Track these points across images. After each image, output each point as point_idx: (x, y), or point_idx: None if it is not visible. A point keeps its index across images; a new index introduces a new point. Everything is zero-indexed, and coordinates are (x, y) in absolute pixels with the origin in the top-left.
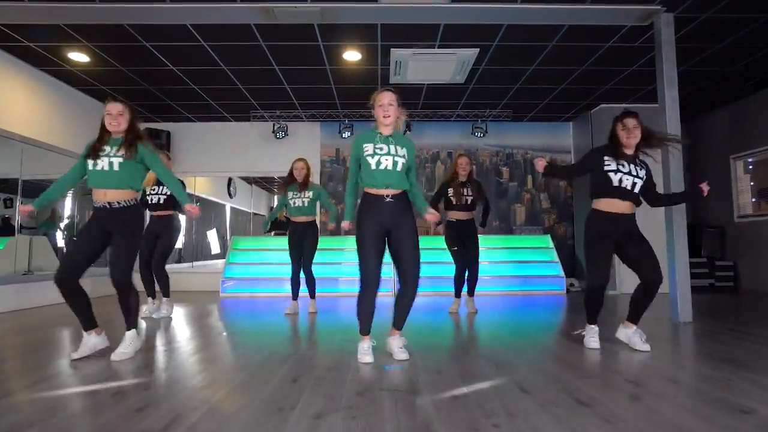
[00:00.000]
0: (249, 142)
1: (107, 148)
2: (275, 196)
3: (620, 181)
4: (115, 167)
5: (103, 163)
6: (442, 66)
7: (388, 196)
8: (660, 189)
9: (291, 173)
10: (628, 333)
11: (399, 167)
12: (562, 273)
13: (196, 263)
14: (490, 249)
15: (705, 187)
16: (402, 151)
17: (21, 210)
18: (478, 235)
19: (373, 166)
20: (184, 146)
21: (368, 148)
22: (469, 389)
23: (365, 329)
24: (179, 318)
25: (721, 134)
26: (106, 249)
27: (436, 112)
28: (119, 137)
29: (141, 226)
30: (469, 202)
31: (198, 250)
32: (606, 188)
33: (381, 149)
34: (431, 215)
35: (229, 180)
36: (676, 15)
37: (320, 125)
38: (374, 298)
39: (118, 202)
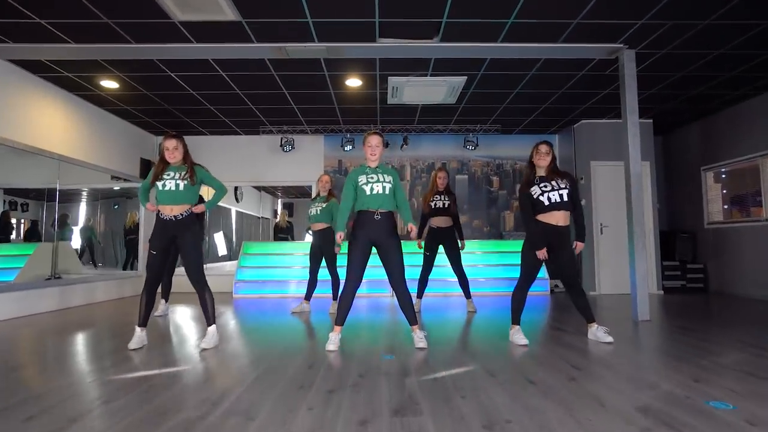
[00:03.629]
0: (258, 153)
1: (171, 173)
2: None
3: (549, 198)
4: (181, 188)
5: (170, 185)
6: (435, 90)
7: (377, 214)
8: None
9: (318, 189)
10: (592, 331)
11: (387, 191)
12: (546, 275)
13: (206, 265)
14: (483, 253)
15: (578, 248)
16: (388, 178)
17: (149, 207)
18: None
19: (368, 192)
20: (198, 158)
21: (362, 179)
22: (447, 373)
23: (340, 319)
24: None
25: (693, 147)
26: (173, 252)
27: (431, 126)
28: (178, 165)
29: (200, 228)
30: (444, 205)
31: (207, 253)
32: (541, 208)
33: (372, 178)
34: (411, 230)
35: (236, 187)
36: (637, 51)
37: (324, 138)
38: (354, 295)
39: (182, 214)
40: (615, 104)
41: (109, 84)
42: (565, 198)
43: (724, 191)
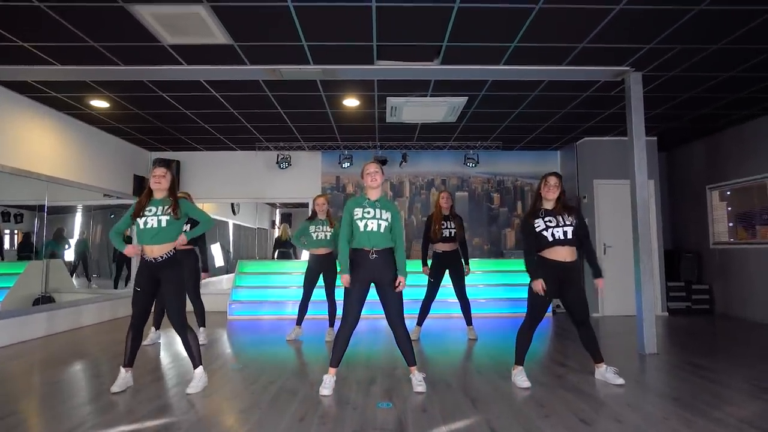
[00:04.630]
0: (254, 170)
1: (153, 208)
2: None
3: (552, 235)
4: (164, 224)
5: (152, 222)
6: (434, 110)
7: (373, 253)
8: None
9: (314, 209)
10: (601, 371)
11: (383, 229)
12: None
13: (202, 281)
14: (483, 272)
15: (600, 286)
16: (386, 215)
17: (129, 251)
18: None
19: (362, 229)
20: (193, 174)
21: (358, 212)
22: (447, 428)
23: (335, 361)
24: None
25: (698, 165)
26: (158, 290)
27: (431, 143)
28: (161, 198)
29: (182, 269)
30: (450, 234)
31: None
32: (545, 244)
33: (368, 213)
34: (400, 283)
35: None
36: (644, 74)
37: (321, 154)
38: (350, 336)
39: (162, 256)
40: (619, 122)
41: (100, 104)
42: (570, 235)
43: (729, 209)
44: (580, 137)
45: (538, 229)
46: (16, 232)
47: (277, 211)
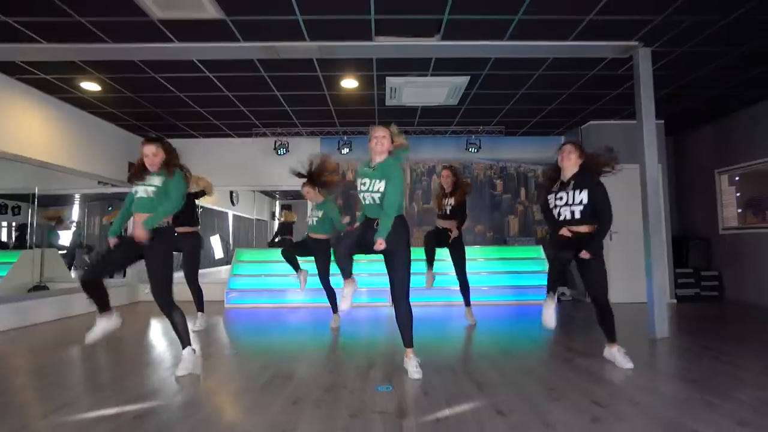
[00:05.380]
0: (252, 157)
1: (148, 177)
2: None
3: (559, 214)
4: (150, 194)
5: (141, 192)
6: (435, 91)
7: (377, 224)
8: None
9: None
10: (612, 352)
11: (377, 201)
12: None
13: (201, 271)
14: (486, 260)
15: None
16: (377, 186)
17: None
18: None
19: (362, 202)
20: (189, 161)
21: (358, 183)
22: (451, 411)
23: (347, 273)
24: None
25: (707, 149)
26: (132, 263)
27: (431, 128)
28: (158, 171)
29: (169, 246)
30: (448, 211)
31: (203, 258)
32: (553, 222)
33: (364, 185)
34: (380, 243)
35: (231, 190)
36: (653, 50)
37: (320, 140)
38: (351, 248)
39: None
40: (626, 104)
41: (91, 86)
42: (577, 215)
43: (738, 194)
44: (585, 121)
45: (550, 206)
46: (13, 224)
47: (277, 202)
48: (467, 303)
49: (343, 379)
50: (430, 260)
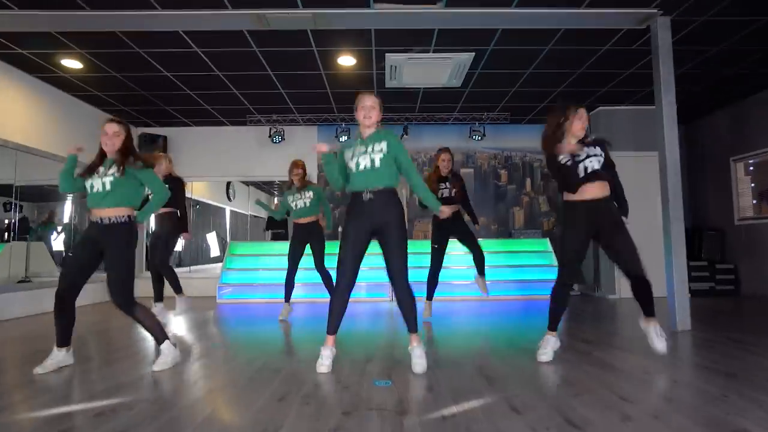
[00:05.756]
0: (246, 146)
1: (102, 169)
2: (274, 198)
3: (585, 168)
4: (108, 187)
5: (97, 185)
6: (438, 70)
7: (367, 193)
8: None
9: (290, 179)
10: (649, 328)
11: (377, 163)
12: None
13: (194, 267)
14: (490, 253)
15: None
16: (379, 146)
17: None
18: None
19: (354, 170)
20: (181, 151)
21: (348, 154)
22: (458, 408)
23: (332, 328)
24: (174, 326)
25: (721, 136)
26: (99, 263)
27: (433, 115)
28: (114, 157)
29: (131, 243)
30: (450, 194)
31: (198, 254)
32: (574, 181)
33: (360, 150)
34: (444, 212)
35: (228, 183)
36: (673, 18)
37: (317, 129)
38: (345, 299)
39: (110, 218)
40: (640, 86)
41: (72, 63)
42: (597, 166)
43: (753, 184)
44: (595, 106)
45: (563, 161)
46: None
47: (275, 199)
48: (481, 272)
49: (336, 374)
50: (433, 287)
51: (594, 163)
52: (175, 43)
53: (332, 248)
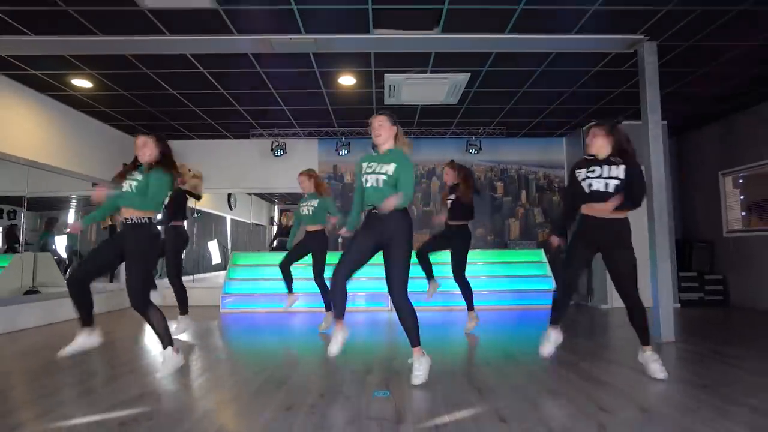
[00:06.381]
0: (248, 158)
1: (135, 173)
2: (275, 206)
3: (590, 185)
4: (132, 189)
5: (125, 187)
6: (435, 89)
7: (375, 210)
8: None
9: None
10: (645, 356)
11: (380, 184)
12: (554, 287)
13: (197, 276)
14: (486, 264)
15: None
16: (386, 168)
17: (72, 228)
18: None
19: (364, 185)
20: (185, 163)
21: (363, 167)
22: (450, 417)
23: (339, 312)
24: (182, 336)
25: (711, 150)
26: (118, 263)
27: (431, 129)
28: (144, 165)
29: (150, 246)
30: (450, 206)
31: (200, 262)
32: (582, 197)
33: (370, 167)
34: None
35: (230, 193)
36: (659, 43)
37: (318, 142)
38: (346, 278)
39: (131, 219)
40: (630, 103)
41: (82, 83)
42: (611, 189)
43: (742, 197)
44: (587, 122)
45: (579, 179)
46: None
47: (276, 207)
48: (469, 307)
49: (338, 385)
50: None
51: (599, 184)
52: (181, 64)
53: (333, 258)
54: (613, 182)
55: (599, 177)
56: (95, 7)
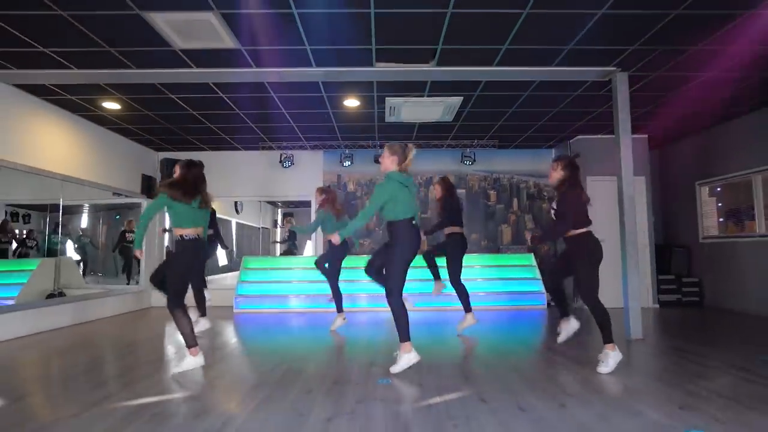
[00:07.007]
0: (258, 169)
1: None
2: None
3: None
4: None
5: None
6: (432, 109)
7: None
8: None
9: None
10: (604, 353)
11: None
12: (543, 289)
13: (207, 278)
14: (481, 267)
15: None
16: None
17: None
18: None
19: None
20: None
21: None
22: (440, 399)
23: (404, 336)
24: (203, 335)
25: (688, 162)
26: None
27: (429, 142)
28: None
29: (180, 257)
30: (439, 217)
31: (210, 264)
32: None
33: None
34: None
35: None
36: (630, 74)
37: (323, 153)
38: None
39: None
40: (610, 120)
41: (111, 105)
42: (553, 215)
43: (719, 204)
44: (573, 135)
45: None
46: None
47: (279, 210)
48: (466, 309)
49: (348, 374)
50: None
51: (552, 216)
52: (203, 90)
53: (348, 262)
54: (553, 211)
55: (552, 209)
56: (135, 48)
